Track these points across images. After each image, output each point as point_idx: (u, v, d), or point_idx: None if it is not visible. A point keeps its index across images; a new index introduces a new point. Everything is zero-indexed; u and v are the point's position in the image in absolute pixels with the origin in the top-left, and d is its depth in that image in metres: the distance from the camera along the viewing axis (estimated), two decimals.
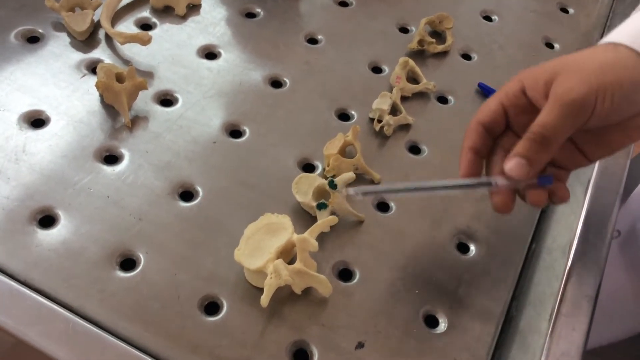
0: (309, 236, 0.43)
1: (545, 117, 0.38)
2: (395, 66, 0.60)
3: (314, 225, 0.44)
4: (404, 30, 0.66)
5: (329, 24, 0.65)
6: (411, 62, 0.60)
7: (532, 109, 0.40)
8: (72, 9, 0.58)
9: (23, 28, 0.57)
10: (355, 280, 0.46)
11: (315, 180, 0.49)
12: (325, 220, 0.44)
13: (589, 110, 0.38)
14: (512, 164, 0.39)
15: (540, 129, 0.38)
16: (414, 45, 0.63)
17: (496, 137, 0.43)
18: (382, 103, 0.56)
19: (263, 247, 0.43)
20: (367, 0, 0.68)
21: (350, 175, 0.49)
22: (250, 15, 0.64)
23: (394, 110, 0.57)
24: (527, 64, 0.65)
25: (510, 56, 0.66)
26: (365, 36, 0.64)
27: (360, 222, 0.49)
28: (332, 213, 0.48)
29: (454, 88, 0.61)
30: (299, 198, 0.48)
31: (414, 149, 0.56)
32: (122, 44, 0.56)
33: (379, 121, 0.55)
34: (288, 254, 0.44)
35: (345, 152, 0.52)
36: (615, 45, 0.39)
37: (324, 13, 0.66)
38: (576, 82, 0.38)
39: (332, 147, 0.51)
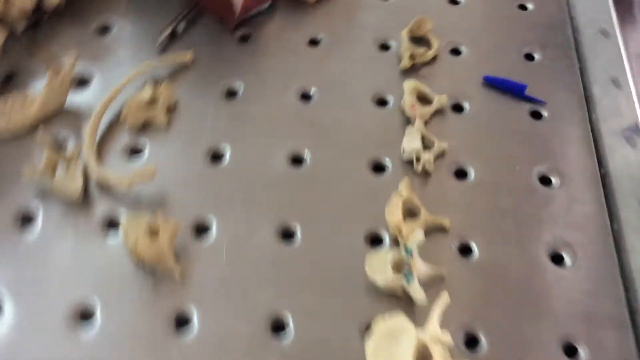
0: (438, 329, 0.41)
1: None
2: (404, 94, 0.57)
3: (432, 313, 0.42)
4: (384, 47, 0.63)
5: (311, 73, 0.60)
6: (417, 83, 0.57)
7: None
8: (54, 170, 0.51)
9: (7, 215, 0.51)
10: (483, 345, 0.44)
11: (386, 254, 0.46)
12: (440, 303, 0.42)
13: None
14: None
15: None
16: (406, 63, 0.59)
17: None
18: (412, 141, 0.53)
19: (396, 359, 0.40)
20: (335, 31, 0.64)
21: (420, 234, 0.46)
22: (231, 94, 0.59)
23: (423, 142, 0.54)
24: (513, 37, 0.63)
25: (495, 36, 0.64)
26: (351, 71, 0.60)
27: (442, 278, 0.47)
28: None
29: (462, 90, 0.59)
30: (380, 280, 0.45)
31: (460, 174, 0.54)
32: (127, 189, 0.51)
33: (418, 160, 0.53)
34: (424, 356, 0.41)
35: (406, 210, 0.50)
36: None
37: (297, 60, 0.61)
38: None
39: (395, 212, 0.48)
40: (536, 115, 0.58)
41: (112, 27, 0.63)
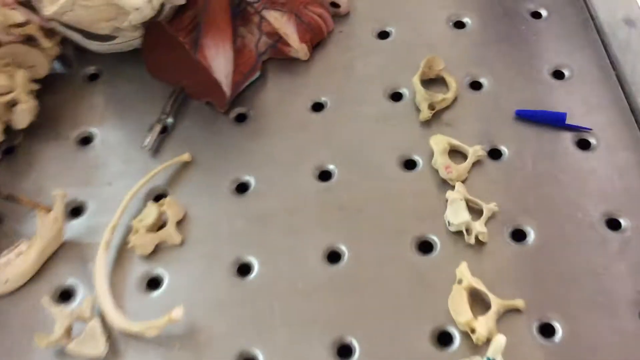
0: None
1: None
2: (433, 153, 0.51)
3: None
4: (396, 97, 0.56)
5: (323, 145, 0.54)
6: (444, 138, 0.51)
7: None
8: (69, 333, 0.45)
9: None
10: None
11: None
12: None
13: None
14: None
15: None
16: (426, 114, 0.53)
17: None
18: (458, 212, 0.47)
19: None
20: (338, 88, 0.57)
21: (501, 340, 0.40)
22: (242, 188, 0.53)
23: (469, 207, 0.48)
24: (535, 53, 0.57)
25: (514, 57, 0.57)
26: (367, 133, 0.54)
27: None
28: None
29: (494, 132, 0.53)
30: None
31: (517, 235, 0.48)
32: (154, 335, 0.45)
33: (469, 232, 0.47)
34: None
35: (471, 298, 0.44)
36: None
37: (305, 132, 0.55)
38: None
39: (461, 308, 0.43)
40: (583, 144, 0.51)
41: (93, 137, 0.57)
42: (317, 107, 0.56)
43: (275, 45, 0.58)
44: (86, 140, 0.57)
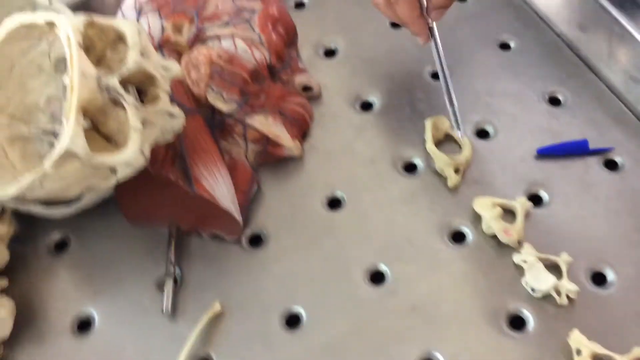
0: None
1: None
2: (481, 219, 0.47)
3: None
4: (411, 168, 0.52)
5: (360, 245, 0.48)
6: (490, 201, 0.48)
7: None
8: None
9: None
10: None
11: None
12: None
13: None
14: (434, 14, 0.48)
15: None
16: (456, 181, 0.50)
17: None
18: (540, 276, 0.44)
19: None
20: (348, 176, 0.52)
21: None
22: (293, 322, 0.46)
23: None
24: (521, 85, 0.56)
25: (507, 96, 0.55)
26: (399, 217, 0.49)
27: None
28: None
29: (526, 177, 0.50)
30: None
31: (598, 278, 0.46)
32: None
33: (559, 294, 0.44)
34: None
35: None
36: None
37: (334, 237, 0.49)
38: None
39: None
40: (611, 165, 0.51)
41: (92, 319, 0.47)
42: (335, 203, 0.51)
43: (264, 150, 0.52)
44: (85, 326, 0.47)
